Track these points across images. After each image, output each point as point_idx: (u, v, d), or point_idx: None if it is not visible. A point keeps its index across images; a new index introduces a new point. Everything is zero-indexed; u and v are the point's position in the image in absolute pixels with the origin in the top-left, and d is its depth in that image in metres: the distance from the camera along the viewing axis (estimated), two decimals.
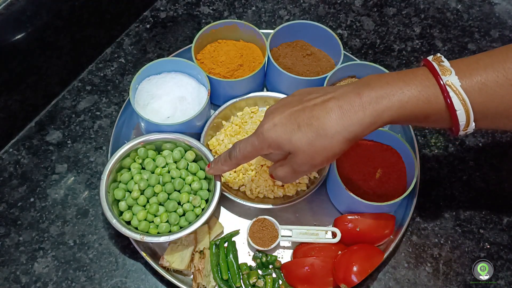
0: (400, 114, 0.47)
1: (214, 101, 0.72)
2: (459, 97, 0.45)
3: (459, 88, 0.45)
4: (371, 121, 0.47)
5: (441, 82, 0.45)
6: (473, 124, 0.47)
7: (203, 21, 0.84)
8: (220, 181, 0.62)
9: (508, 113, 0.47)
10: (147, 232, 0.61)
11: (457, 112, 0.46)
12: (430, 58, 0.48)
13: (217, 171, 0.60)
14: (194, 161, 0.66)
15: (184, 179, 0.63)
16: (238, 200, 0.64)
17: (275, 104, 0.54)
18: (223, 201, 0.66)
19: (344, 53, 0.69)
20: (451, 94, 0.45)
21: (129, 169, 0.65)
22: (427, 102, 0.46)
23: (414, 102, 0.46)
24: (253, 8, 0.86)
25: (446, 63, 0.47)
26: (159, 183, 0.63)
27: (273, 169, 0.56)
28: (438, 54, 0.48)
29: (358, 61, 0.70)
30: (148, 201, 0.62)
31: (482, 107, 0.46)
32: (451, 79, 0.46)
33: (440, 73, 0.46)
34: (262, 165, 0.64)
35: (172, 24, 0.83)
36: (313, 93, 0.51)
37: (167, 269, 0.61)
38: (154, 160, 0.65)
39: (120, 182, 0.64)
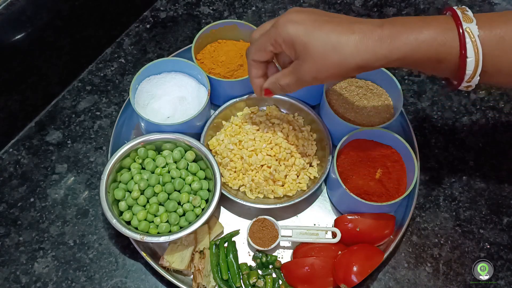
0: (414, 52, 0.47)
1: (214, 101, 0.72)
2: (474, 46, 0.46)
3: (476, 37, 0.46)
4: (385, 54, 0.47)
5: (460, 28, 0.46)
6: (478, 77, 0.48)
7: (203, 21, 0.84)
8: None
9: None
10: (147, 232, 0.61)
11: (467, 60, 0.46)
12: (455, 7, 0.49)
13: (255, 84, 0.57)
14: (194, 161, 0.66)
15: (184, 179, 0.63)
16: (238, 200, 0.64)
17: (297, 7, 0.52)
18: (223, 201, 0.66)
19: None
20: (467, 40, 0.46)
21: (129, 169, 0.65)
22: (442, 44, 0.47)
23: (430, 43, 0.47)
24: (253, 8, 0.86)
25: (470, 13, 0.47)
26: (159, 183, 0.63)
27: (275, 79, 0.55)
28: (464, 6, 0.49)
29: None
30: (148, 201, 0.62)
31: (497, 60, 0.47)
32: (471, 27, 0.46)
33: (462, 19, 0.46)
34: (262, 165, 0.64)
35: (172, 24, 0.83)
36: (341, 16, 0.51)
37: (167, 269, 0.61)
38: (154, 160, 0.65)
39: (120, 182, 0.64)
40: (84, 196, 0.68)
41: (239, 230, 0.65)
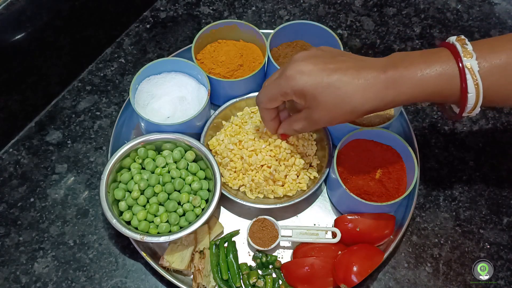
0: (419, 93, 0.49)
1: (214, 101, 0.72)
2: (474, 82, 0.47)
3: (476, 73, 0.47)
4: (392, 99, 0.50)
5: (460, 65, 0.47)
6: (479, 109, 0.49)
7: (203, 21, 0.84)
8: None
9: None
10: (147, 232, 0.61)
11: (468, 95, 0.48)
12: (453, 38, 0.50)
13: (270, 128, 0.61)
14: (194, 161, 0.66)
15: (184, 179, 0.63)
16: (238, 200, 0.64)
17: (303, 52, 0.54)
18: (223, 201, 0.66)
19: None
20: (468, 77, 0.47)
21: (129, 169, 0.65)
22: (446, 83, 0.48)
23: (433, 83, 0.48)
24: (253, 8, 0.86)
25: (469, 46, 0.48)
26: (159, 183, 0.63)
27: (288, 125, 0.58)
28: (462, 36, 0.50)
29: None
30: (148, 201, 0.62)
31: (503, 89, 0.48)
32: (471, 63, 0.47)
33: (462, 55, 0.48)
34: (262, 165, 0.64)
35: (172, 24, 0.83)
36: (345, 56, 0.53)
37: (167, 269, 0.61)
38: (154, 160, 0.65)
39: (120, 182, 0.64)
40: (84, 196, 0.68)
41: (239, 230, 0.65)
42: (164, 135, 0.64)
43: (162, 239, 0.59)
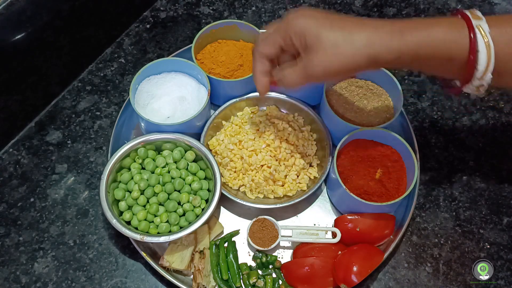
0: (425, 47, 0.47)
1: (214, 101, 0.72)
2: (485, 40, 0.45)
3: (487, 33, 0.45)
4: (397, 47, 0.47)
5: (471, 25, 0.46)
6: (490, 75, 0.46)
7: (203, 21, 0.84)
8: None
9: None
10: (147, 232, 0.61)
11: (478, 54, 0.45)
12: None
13: (258, 80, 0.55)
14: (194, 161, 0.66)
15: (184, 179, 0.63)
16: (238, 200, 0.64)
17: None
18: (223, 201, 0.66)
19: None
20: (478, 36, 0.45)
21: (129, 169, 0.65)
22: (453, 41, 0.46)
23: (441, 38, 0.47)
24: (253, 8, 0.86)
25: (479, 13, 0.47)
26: (159, 183, 0.63)
27: (281, 71, 0.54)
28: (473, 9, 0.48)
29: None
30: (148, 201, 0.62)
31: (508, 59, 0.46)
32: (481, 24, 0.46)
33: (471, 17, 0.46)
34: (262, 165, 0.64)
35: (172, 24, 0.83)
36: (350, 16, 0.51)
37: (167, 269, 0.61)
38: (154, 160, 0.65)
39: (120, 182, 0.64)
40: (84, 196, 0.68)
41: (239, 230, 0.65)
42: (164, 135, 0.64)
43: (162, 239, 0.59)
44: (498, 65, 0.46)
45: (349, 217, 0.62)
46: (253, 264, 0.63)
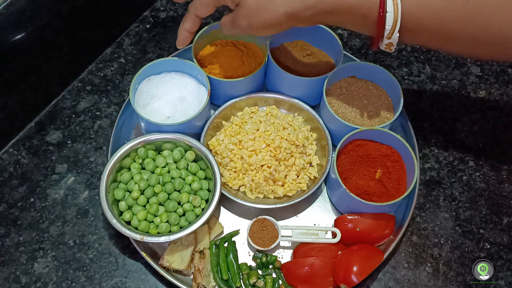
0: (339, 5, 0.51)
1: (214, 101, 0.72)
2: (394, 2, 0.49)
3: None
4: (313, 4, 0.51)
5: None
6: (397, 34, 0.50)
7: (203, 21, 0.83)
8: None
9: (442, 30, 0.51)
10: (147, 232, 0.61)
11: (386, 15, 0.49)
12: None
13: (182, 35, 0.63)
14: (194, 161, 0.66)
15: (184, 179, 0.63)
16: (238, 200, 0.64)
17: None
18: (223, 201, 0.66)
19: (344, 53, 0.69)
20: None
21: (129, 169, 0.65)
22: (366, 0, 0.50)
23: None
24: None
25: None
26: (159, 183, 0.63)
27: (221, 20, 0.61)
28: None
29: (358, 61, 0.70)
30: (148, 201, 0.62)
31: (418, 17, 0.50)
32: None
33: None
34: (262, 165, 0.64)
35: (172, 24, 0.83)
36: None
37: (167, 269, 0.61)
38: (154, 160, 0.65)
39: (120, 182, 0.64)
40: (84, 196, 0.68)
41: (239, 230, 0.65)
42: (164, 135, 0.64)
43: (162, 239, 0.59)
44: (410, 23, 0.50)
45: (349, 217, 0.62)
46: (253, 264, 0.63)
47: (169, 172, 0.64)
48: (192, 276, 0.62)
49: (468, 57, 0.79)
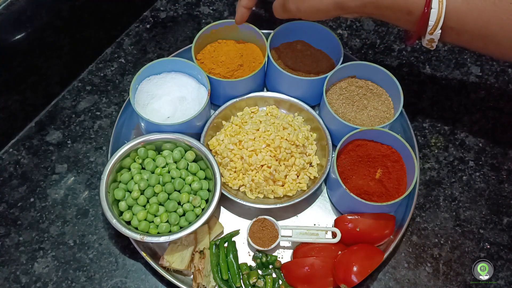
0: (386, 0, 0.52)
1: (214, 101, 0.72)
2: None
3: None
4: None
5: None
6: (440, 31, 0.52)
7: (203, 21, 0.84)
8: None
9: (484, 32, 0.52)
10: (147, 232, 0.61)
11: (431, 11, 0.50)
12: None
13: (239, 12, 0.67)
14: (194, 161, 0.66)
15: (184, 179, 0.63)
16: (238, 200, 0.64)
17: None
18: (223, 201, 0.66)
19: (344, 53, 0.69)
20: None
21: (129, 169, 0.65)
22: None
23: None
24: (253, 8, 0.85)
25: None
26: (159, 183, 0.63)
27: (274, 2, 0.63)
28: None
29: (358, 61, 0.70)
30: (148, 201, 0.62)
31: (462, 16, 0.51)
32: None
33: None
34: (262, 165, 0.64)
35: (172, 24, 0.83)
36: None
37: (167, 269, 0.61)
38: (154, 160, 0.65)
39: (120, 182, 0.64)
40: (84, 196, 0.68)
41: (239, 230, 0.65)
42: (164, 135, 0.64)
43: (162, 239, 0.59)
44: (453, 21, 0.51)
45: (349, 217, 0.62)
46: (253, 264, 0.63)
47: (169, 172, 0.64)
48: (192, 276, 0.62)
49: (509, 62, 0.79)
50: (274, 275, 0.62)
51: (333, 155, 0.64)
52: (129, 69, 0.78)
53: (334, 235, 0.63)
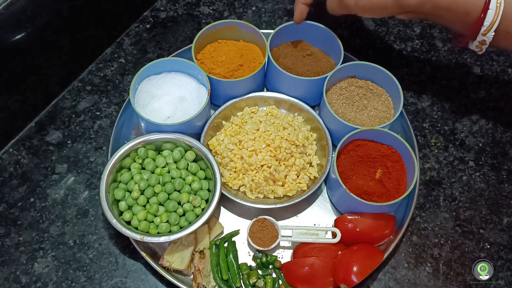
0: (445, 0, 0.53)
1: (214, 101, 0.72)
2: (498, 1, 0.51)
3: None
4: None
5: None
6: (493, 33, 0.52)
7: (203, 21, 0.84)
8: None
9: None
10: (147, 232, 0.61)
11: (488, 11, 0.51)
12: None
13: (299, 9, 0.65)
14: (194, 161, 0.66)
15: (184, 179, 0.63)
16: (238, 200, 0.64)
17: None
18: (223, 201, 0.66)
19: (344, 53, 0.69)
20: None
21: (129, 169, 0.65)
22: None
23: None
24: (253, 8, 0.85)
25: None
26: (159, 183, 0.63)
27: None
28: None
29: (358, 61, 0.70)
30: (148, 201, 0.62)
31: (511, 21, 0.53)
32: None
33: None
34: (262, 165, 0.64)
35: (172, 24, 0.83)
36: None
37: (167, 269, 0.61)
38: (154, 160, 0.65)
39: (120, 182, 0.64)
40: (84, 196, 0.68)
41: (239, 230, 0.65)
42: (164, 135, 0.64)
43: (162, 239, 0.59)
44: (509, 24, 0.52)
45: (349, 217, 0.62)
46: (253, 264, 0.63)
47: (169, 172, 0.64)
48: (192, 276, 0.62)
49: None
50: (274, 275, 0.62)
51: (333, 155, 0.64)
52: (129, 69, 0.78)
53: (334, 235, 0.63)
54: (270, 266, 0.63)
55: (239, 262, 0.63)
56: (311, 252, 0.62)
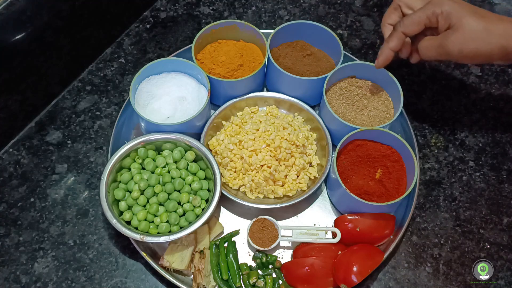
0: None
1: (214, 101, 0.72)
2: None
3: None
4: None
5: None
6: None
7: (203, 21, 0.84)
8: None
9: None
10: (147, 232, 0.61)
11: None
12: None
13: (385, 54, 0.63)
14: (194, 161, 0.66)
15: (184, 179, 0.63)
16: (238, 200, 0.64)
17: None
18: (223, 201, 0.66)
19: (344, 53, 0.69)
20: None
21: (129, 169, 0.65)
22: None
23: None
24: (253, 8, 0.86)
25: None
26: (159, 183, 0.63)
27: (422, 42, 0.60)
28: None
29: (358, 61, 0.70)
30: (148, 201, 0.62)
31: None
32: None
33: None
34: (262, 165, 0.64)
35: (172, 24, 0.83)
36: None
37: (167, 269, 0.61)
38: (154, 160, 0.65)
39: (120, 182, 0.64)
40: (84, 196, 0.68)
41: (239, 230, 0.65)
42: (164, 135, 0.64)
43: (162, 239, 0.59)
44: None
45: (349, 217, 0.62)
46: (253, 264, 0.63)
47: (169, 172, 0.64)
48: (192, 276, 0.62)
49: None
50: (274, 275, 0.62)
51: (333, 155, 0.64)
52: (129, 69, 0.78)
53: (334, 235, 0.63)
54: (270, 266, 0.63)
55: (239, 262, 0.63)
56: (311, 252, 0.62)
